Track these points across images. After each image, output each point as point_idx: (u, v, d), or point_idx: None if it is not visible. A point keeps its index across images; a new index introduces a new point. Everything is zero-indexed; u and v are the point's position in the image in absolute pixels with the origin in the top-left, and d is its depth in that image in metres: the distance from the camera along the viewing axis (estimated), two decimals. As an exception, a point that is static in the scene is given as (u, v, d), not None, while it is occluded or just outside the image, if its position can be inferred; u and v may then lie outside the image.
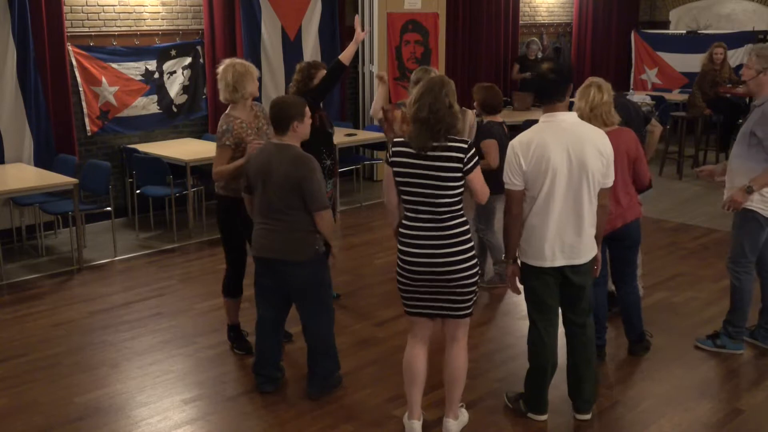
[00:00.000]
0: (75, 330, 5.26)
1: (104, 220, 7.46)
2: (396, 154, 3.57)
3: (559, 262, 3.72)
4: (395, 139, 3.64)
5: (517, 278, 3.89)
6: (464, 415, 3.99)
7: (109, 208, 6.92)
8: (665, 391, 4.35)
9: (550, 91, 3.66)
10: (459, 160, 3.47)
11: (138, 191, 7.47)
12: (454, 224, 3.54)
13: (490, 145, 5.51)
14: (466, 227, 3.60)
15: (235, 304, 4.85)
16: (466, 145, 3.50)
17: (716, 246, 6.98)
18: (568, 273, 3.76)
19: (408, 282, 3.63)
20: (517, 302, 5.74)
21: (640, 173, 4.46)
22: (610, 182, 3.74)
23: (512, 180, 3.67)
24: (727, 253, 4.74)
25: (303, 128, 4.06)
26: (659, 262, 6.43)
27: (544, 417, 4.03)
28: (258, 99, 4.72)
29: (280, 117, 4.00)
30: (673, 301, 5.68)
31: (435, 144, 3.46)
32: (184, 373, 4.62)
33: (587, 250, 3.76)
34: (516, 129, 5.95)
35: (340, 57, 5.07)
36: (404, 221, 3.62)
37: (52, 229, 7.40)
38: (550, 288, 3.80)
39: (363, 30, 5.21)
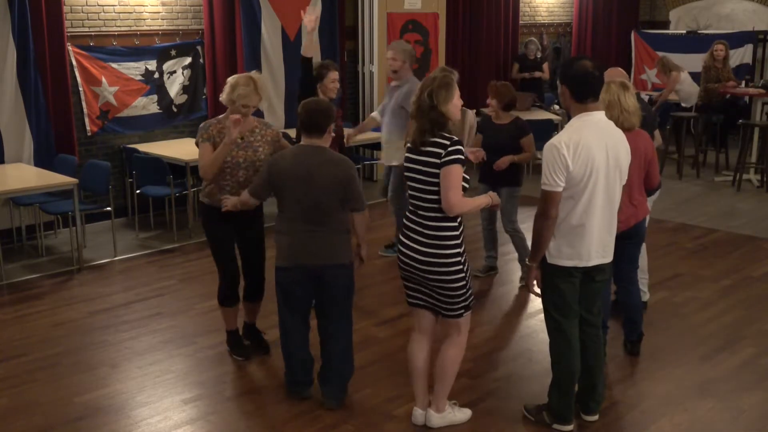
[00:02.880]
0: (75, 330, 5.25)
1: (104, 220, 7.44)
2: (406, 151, 3.75)
3: (594, 261, 3.71)
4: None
5: (536, 282, 3.85)
6: (464, 413, 4.00)
7: (109, 208, 6.92)
8: (665, 391, 4.35)
9: (591, 88, 3.62)
10: (437, 155, 3.55)
11: (138, 191, 7.46)
12: (439, 225, 3.61)
13: (532, 139, 5.88)
14: (454, 232, 3.62)
15: (233, 312, 4.79)
16: (449, 142, 3.56)
17: (716, 246, 6.98)
18: (596, 272, 3.76)
19: (402, 273, 3.80)
20: (518, 302, 5.74)
21: (652, 175, 4.53)
22: (625, 181, 3.76)
23: (556, 181, 3.55)
24: None
25: (332, 130, 4.12)
26: (659, 262, 6.42)
27: (571, 427, 3.92)
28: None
29: (317, 120, 3.99)
30: (673, 301, 5.68)
31: (424, 140, 3.59)
32: (184, 373, 4.62)
33: (612, 248, 3.79)
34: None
35: (301, 51, 5.27)
36: (407, 214, 3.79)
37: (52, 229, 7.39)
38: (576, 291, 3.78)
39: (314, 17, 5.16)
